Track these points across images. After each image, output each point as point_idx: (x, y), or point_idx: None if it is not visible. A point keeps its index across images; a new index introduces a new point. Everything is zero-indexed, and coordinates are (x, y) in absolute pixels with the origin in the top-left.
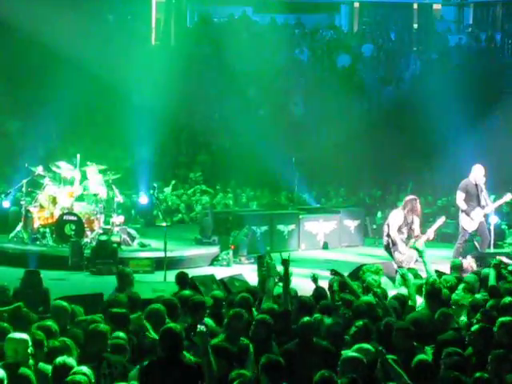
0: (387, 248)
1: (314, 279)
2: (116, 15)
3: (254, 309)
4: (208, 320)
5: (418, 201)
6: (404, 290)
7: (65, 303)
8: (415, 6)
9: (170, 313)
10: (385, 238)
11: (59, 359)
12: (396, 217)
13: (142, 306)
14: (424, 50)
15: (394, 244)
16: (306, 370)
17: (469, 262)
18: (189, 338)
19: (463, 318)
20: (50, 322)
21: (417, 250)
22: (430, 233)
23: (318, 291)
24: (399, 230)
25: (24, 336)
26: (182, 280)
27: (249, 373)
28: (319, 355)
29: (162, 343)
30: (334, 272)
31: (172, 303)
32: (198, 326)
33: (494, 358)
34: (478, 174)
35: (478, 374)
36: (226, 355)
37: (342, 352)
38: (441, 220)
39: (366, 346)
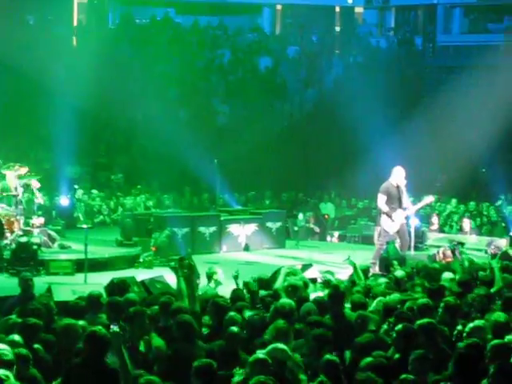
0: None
1: (236, 277)
2: (37, 16)
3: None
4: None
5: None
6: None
7: None
8: (337, 8)
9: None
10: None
11: None
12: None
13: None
14: (346, 52)
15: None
16: None
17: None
18: None
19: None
20: None
21: (349, 259)
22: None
23: (236, 293)
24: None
25: None
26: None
27: (157, 379)
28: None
29: (86, 346)
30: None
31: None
32: (111, 327)
33: (414, 358)
34: (398, 176)
35: (403, 376)
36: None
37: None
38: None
39: (280, 345)
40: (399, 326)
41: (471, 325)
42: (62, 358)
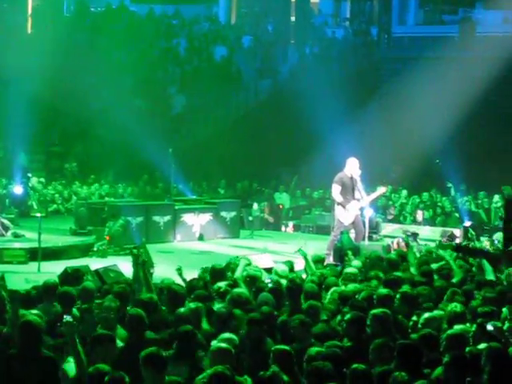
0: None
1: (179, 272)
2: None
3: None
4: (75, 310)
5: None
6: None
7: None
8: None
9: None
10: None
11: None
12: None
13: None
14: (301, 42)
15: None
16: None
17: None
18: (54, 328)
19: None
20: None
21: (300, 250)
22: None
23: (192, 283)
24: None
25: None
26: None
27: (107, 367)
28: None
29: (20, 336)
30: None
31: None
32: (65, 317)
33: (374, 347)
34: (352, 167)
35: (354, 366)
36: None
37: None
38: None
39: (227, 335)
40: (348, 315)
41: (426, 315)
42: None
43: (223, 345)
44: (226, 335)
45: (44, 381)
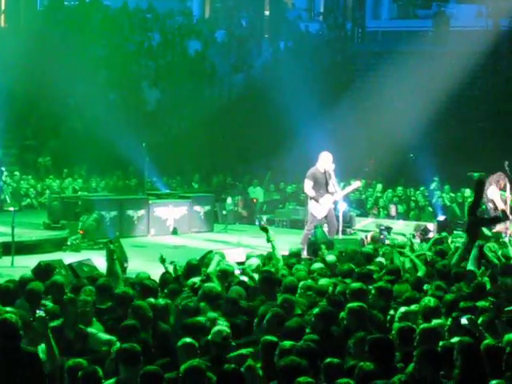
0: None
1: (162, 260)
2: None
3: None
4: (49, 304)
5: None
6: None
7: None
8: None
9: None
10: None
11: None
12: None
13: None
14: (275, 37)
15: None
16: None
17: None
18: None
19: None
20: None
21: (267, 236)
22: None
23: (165, 277)
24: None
25: None
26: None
27: (84, 361)
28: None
29: None
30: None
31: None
32: (37, 311)
33: (355, 341)
34: (325, 161)
35: (327, 360)
36: (61, 340)
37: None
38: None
39: (218, 327)
40: (317, 309)
41: (403, 309)
42: None
43: (188, 340)
44: (217, 328)
45: (27, 376)
